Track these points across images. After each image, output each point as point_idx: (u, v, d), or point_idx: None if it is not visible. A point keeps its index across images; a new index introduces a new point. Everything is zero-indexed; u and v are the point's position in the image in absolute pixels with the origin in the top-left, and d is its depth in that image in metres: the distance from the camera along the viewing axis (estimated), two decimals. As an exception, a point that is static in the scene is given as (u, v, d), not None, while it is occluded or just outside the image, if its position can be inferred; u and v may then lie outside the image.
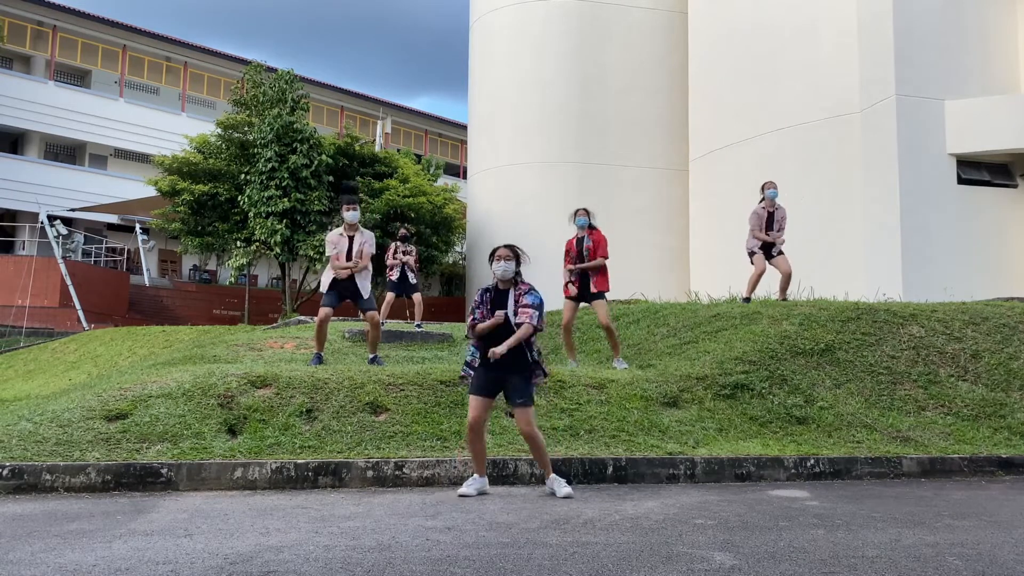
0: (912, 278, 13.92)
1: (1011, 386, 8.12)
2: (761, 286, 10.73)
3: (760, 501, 5.46)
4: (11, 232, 29.66)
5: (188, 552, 3.98)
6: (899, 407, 7.72)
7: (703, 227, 19.12)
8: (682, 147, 20.85)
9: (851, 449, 6.77)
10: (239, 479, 5.66)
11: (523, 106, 21.62)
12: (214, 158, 22.03)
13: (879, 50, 14.89)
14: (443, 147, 43.85)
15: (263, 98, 21.82)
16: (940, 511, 5.22)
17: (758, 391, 7.68)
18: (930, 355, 8.55)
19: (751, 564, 3.85)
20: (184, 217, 21.99)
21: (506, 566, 3.78)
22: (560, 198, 20.46)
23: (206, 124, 27.42)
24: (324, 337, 8.68)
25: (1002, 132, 14.46)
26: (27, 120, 30.50)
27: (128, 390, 6.73)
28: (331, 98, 38.86)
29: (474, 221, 23.11)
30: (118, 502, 5.21)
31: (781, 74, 16.75)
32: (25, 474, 5.46)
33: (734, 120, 17.90)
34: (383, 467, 5.84)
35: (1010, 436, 7.29)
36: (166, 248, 32.85)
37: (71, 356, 14.79)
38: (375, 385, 6.98)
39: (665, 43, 21.63)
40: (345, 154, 22.61)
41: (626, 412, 7.07)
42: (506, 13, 22.18)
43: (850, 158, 15.19)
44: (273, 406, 6.56)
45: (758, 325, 9.13)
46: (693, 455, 6.35)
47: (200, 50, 35.44)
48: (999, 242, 14.64)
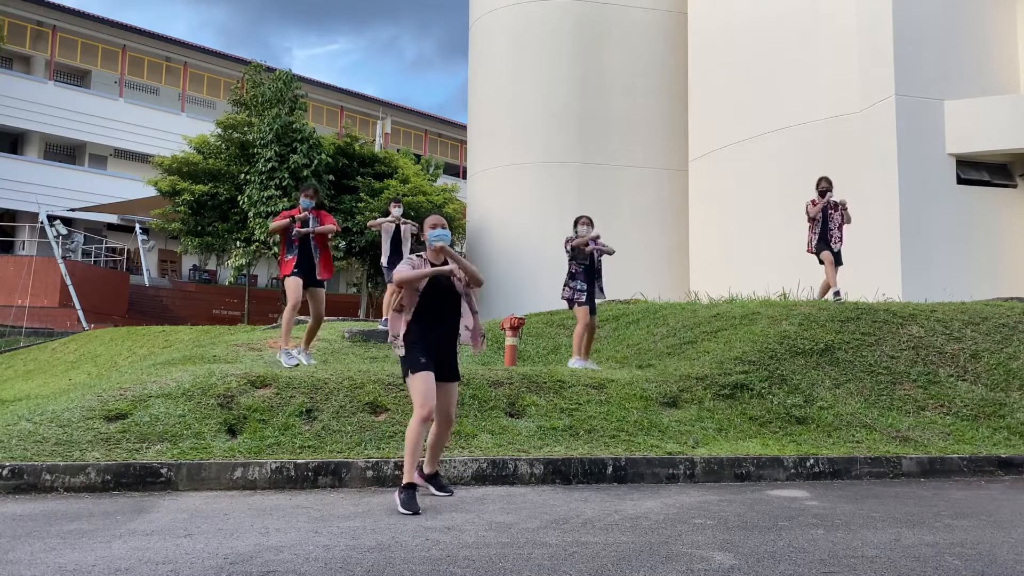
0: (911, 278, 13.91)
1: (1011, 386, 8.12)
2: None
3: (760, 501, 5.46)
4: (11, 232, 29.66)
5: (188, 552, 3.98)
6: (899, 407, 7.72)
7: (703, 227, 19.12)
8: (682, 147, 20.85)
9: (851, 449, 6.77)
10: (239, 479, 5.66)
11: (523, 106, 21.61)
12: (214, 158, 22.05)
13: (879, 50, 14.89)
14: (443, 147, 43.86)
15: (262, 98, 21.84)
16: (939, 511, 5.22)
17: (758, 391, 7.69)
18: (930, 355, 8.56)
19: (751, 564, 3.85)
20: (184, 217, 22.00)
21: (506, 566, 3.78)
22: (560, 198, 20.46)
23: (206, 124, 27.42)
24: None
25: (1001, 132, 14.45)
26: (27, 120, 30.51)
27: (128, 390, 6.73)
28: (331, 98, 38.87)
29: (474, 221, 23.10)
30: (118, 502, 5.22)
31: (781, 74, 16.75)
32: (25, 474, 5.47)
33: (734, 120, 17.90)
34: (383, 467, 5.84)
35: (1009, 436, 7.29)
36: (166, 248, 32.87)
37: (71, 356, 14.78)
38: (375, 385, 6.98)
39: (665, 43, 21.62)
40: (345, 154, 22.61)
41: (626, 412, 7.07)
42: (506, 13, 22.17)
43: (849, 158, 15.18)
44: (273, 406, 6.57)
45: (758, 325, 9.14)
46: (693, 455, 6.35)
47: (200, 50, 35.45)
48: (999, 242, 14.63)
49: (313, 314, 8.46)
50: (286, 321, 8.31)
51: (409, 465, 5.06)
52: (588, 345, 8.94)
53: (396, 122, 38.74)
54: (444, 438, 5.54)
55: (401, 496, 4.99)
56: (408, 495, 4.96)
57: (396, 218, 11.30)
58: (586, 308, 8.70)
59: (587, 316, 8.72)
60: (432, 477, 5.54)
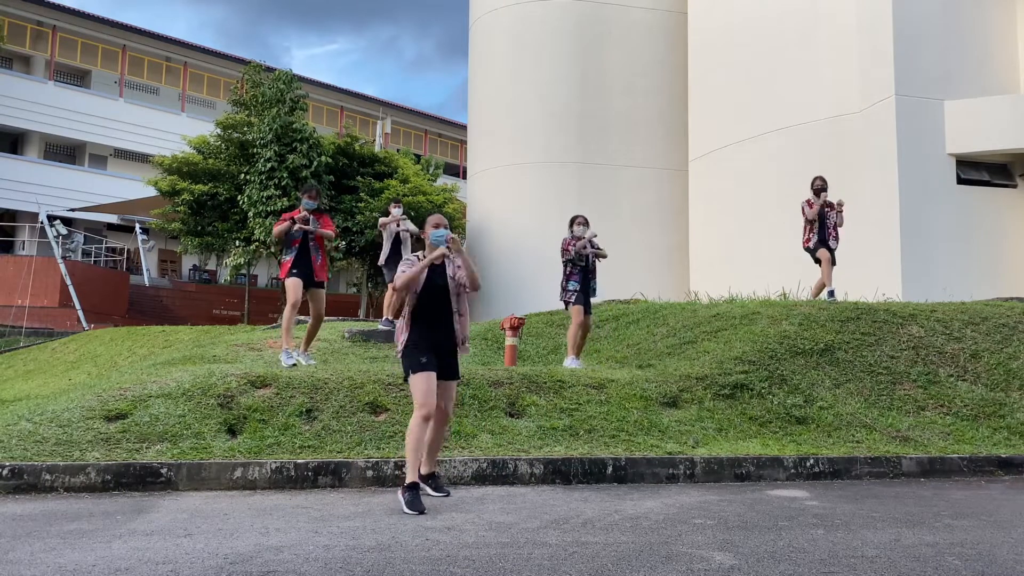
0: (911, 278, 13.91)
1: (1010, 386, 8.12)
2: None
3: (759, 501, 5.46)
4: (11, 232, 29.66)
5: (188, 552, 3.98)
6: (899, 407, 7.72)
7: (703, 227, 19.12)
8: (682, 147, 20.85)
9: (850, 449, 6.77)
10: (239, 479, 5.66)
11: (523, 106, 21.60)
12: (214, 158, 22.05)
13: (879, 50, 14.89)
14: (443, 147, 43.86)
15: (262, 98, 21.84)
16: (939, 511, 5.22)
17: (758, 391, 7.69)
18: (930, 355, 8.56)
19: (751, 564, 3.85)
20: (184, 217, 22.01)
21: (505, 566, 3.78)
22: (560, 198, 20.45)
23: (206, 124, 27.42)
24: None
25: (1001, 132, 14.45)
26: (27, 120, 30.51)
27: (128, 390, 6.73)
28: (331, 98, 38.87)
29: (474, 221, 23.10)
30: (118, 502, 5.21)
31: (781, 74, 16.75)
32: (25, 474, 5.47)
33: (734, 120, 17.90)
34: (383, 467, 5.84)
35: (1009, 436, 7.29)
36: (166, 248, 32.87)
37: (71, 356, 14.78)
38: (375, 385, 6.98)
39: (665, 43, 21.62)
40: (345, 154, 22.61)
41: (626, 412, 7.07)
42: (506, 13, 22.17)
43: (849, 158, 15.18)
44: (273, 406, 6.57)
45: (758, 325, 9.14)
46: (693, 455, 6.35)
47: (200, 50, 35.45)
48: (998, 242, 14.63)
49: (313, 314, 8.49)
50: (286, 320, 8.35)
51: (411, 465, 5.06)
52: (581, 344, 8.98)
53: (396, 122, 38.73)
54: (441, 436, 5.54)
55: (405, 496, 4.99)
56: (412, 495, 4.97)
57: (396, 218, 11.41)
58: (579, 307, 8.75)
59: (580, 315, 8.77)
60: (429, 477, 5.54)
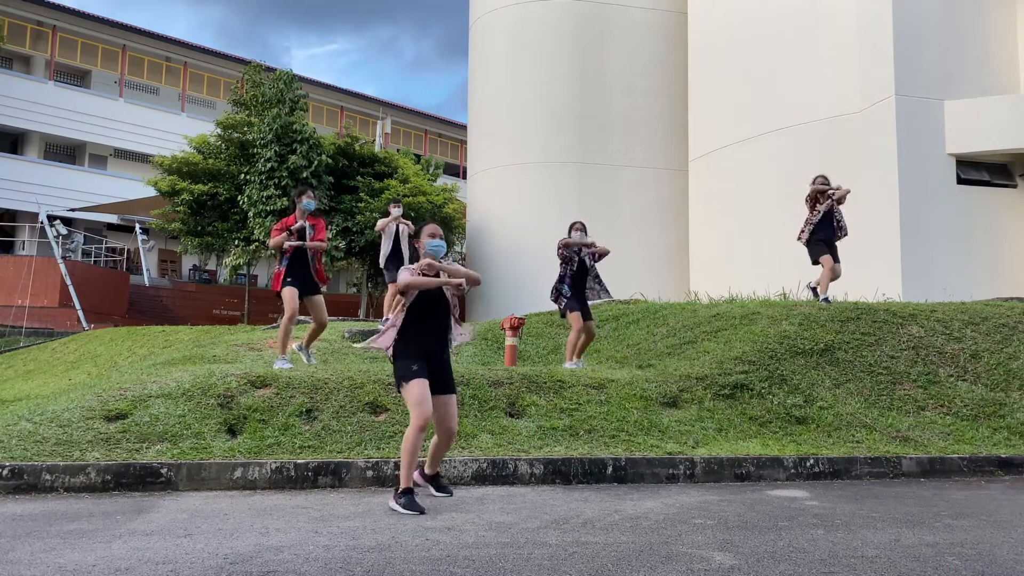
0: (911, 278, 13.92)
1: (1010, 386, 8.12)
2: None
3: (760, 501, 5.46)
4: (11, 232, 29.66)
5: (188, 552, 3.98)
6: (899, 407, 7.72)
7: (703, 227, 19.12)
8: (682, 147, 20.85)
9: (850, 449, 6.77)
10: (239, 479, 5.66)
11: (523, 106, 21.61)
12: (214, 158, 22.05)
13: (879, 50, 14.89)
14: (443, 147, 43.84)
15: (262, 98, 21.84)
16: (939, 511, 5.22)
17: (758, 391, 7.69)
18: (930, 355, 8.56)
19: (751, 564, 3.85)
20: (184, 217, 22.00)
21: (505, 566, 3.78)
22: (560, 198, 20.47)
23: (206, 124, 27.43)
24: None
25: (1001, 132, 14.46)
26: (27, 120, 30.51)
27: (128, 390, 6.73)
28: (331, 98, 38.86)
29: (474, 221, 23.11)
30: (118, 502, 5.21)
31: (781, 74, 16.75)
32: (25, 474, 5.47)
33: (734, 120, 17.90)
34: (383, 467, 5.84)
35: (1009, 436, 7.29)
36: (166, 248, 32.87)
37: (71, 356, 14.77)
38: (375, 385, 6.98)
39: (665, 43, 21.62)
40: (345, 154, 22.60)
41: (626, 412, 7.07)
42: (506, 13, 22.18)
43: (849, 158, 15.18)
44: (273, 406, 6.57)
45: (758, 325, 9.14)
46: (693, 455, 6.35)
47: (200, 50, 35.44)
48: (998, 242, 14.64)
49: (315, 322, 8.31)
50: (283, 331, 8.13)
51: (406, 471, 5.00)
52: (584, 347, 8.96)
53: (396, 122, 38.73)
54: (445, 449, 5.50)
55: (401, 500, 4.94)
56: (408, 499, 4.94)
57: (395, 218, 11.42)
58: (577, 314, 8.72)
59: (579, 322, 8.73)
60: (432, 478, 5.53)
